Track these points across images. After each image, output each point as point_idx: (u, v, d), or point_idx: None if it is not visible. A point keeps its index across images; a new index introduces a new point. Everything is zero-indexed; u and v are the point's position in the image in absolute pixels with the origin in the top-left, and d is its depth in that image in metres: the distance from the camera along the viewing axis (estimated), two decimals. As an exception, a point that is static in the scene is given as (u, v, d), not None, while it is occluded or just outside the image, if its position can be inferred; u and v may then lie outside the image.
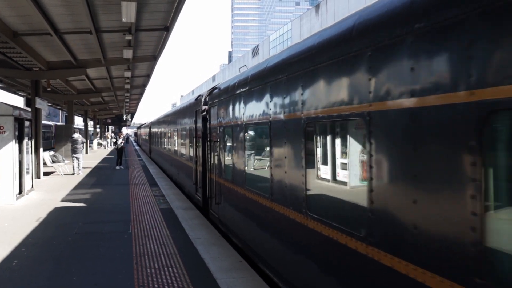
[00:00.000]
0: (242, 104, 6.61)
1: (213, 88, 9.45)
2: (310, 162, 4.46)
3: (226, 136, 7.83)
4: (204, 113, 9.96)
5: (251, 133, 6.69)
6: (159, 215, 10.27)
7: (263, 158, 6.17)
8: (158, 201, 12.37)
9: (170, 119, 18.95)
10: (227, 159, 7.81)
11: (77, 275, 6.02)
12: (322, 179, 4.40)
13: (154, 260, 6.68)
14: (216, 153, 8.69)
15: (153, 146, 30.74)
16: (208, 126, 9.49)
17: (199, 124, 10.60)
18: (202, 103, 10.13)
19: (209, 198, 9.57)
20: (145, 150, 41.72)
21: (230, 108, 7.32)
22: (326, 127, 4.37)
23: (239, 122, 6.77)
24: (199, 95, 11.19)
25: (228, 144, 7.73)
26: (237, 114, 6.91)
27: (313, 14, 47.12)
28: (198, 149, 10.97)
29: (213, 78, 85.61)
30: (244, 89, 6.49)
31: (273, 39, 66.35)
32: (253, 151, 6.62)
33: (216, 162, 8.69)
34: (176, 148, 16.53)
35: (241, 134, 6.74)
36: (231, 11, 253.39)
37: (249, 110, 6.26)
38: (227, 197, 7.87)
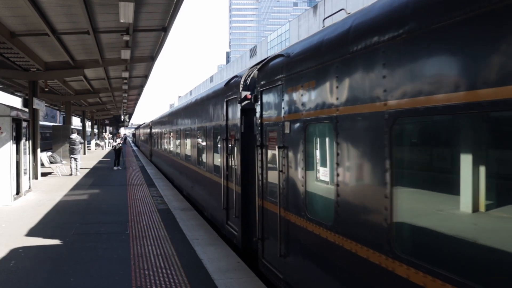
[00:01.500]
0: (377, 72, 3.33)
1: (269, 59, 5.87)
2: None
3: (316, 138, 4.71)
4: (246, 102, 6.47)
5: (422, 132, 3.31)
6: (157, 215, 10.27)
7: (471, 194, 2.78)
8: (156, 201, 12.37)
9: (179, 115, 14.99)
10: (318, 184, 4.60)
11: (75, 276, 6.03)
12: None
13: (152, 261, 6.68)
14: (281, 169, 5.23)
15: (154, 148, 27.06)
16: (257, 122, 6.11)
17: (235, 121, 7.40)
18: (240, 88, 6.75)
19: (260, 239, 6.06)
20: (145, 152, 38.56)
21: (332, 83, 4.01)
22: None
23: (367, 110, 3.48)
24: (234, 76, 7.79)
25: (323, 154, 4.47)
26: (356, 93, 3.63)
27: (311, 15, 47.15)
28: (232, 157, 7.59)
29: (211, 78, 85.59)
30: (386, 37, 3.24)
31: (271, 39, 66.46)
32: (421, 175, 3.22)
33: (282, 184, 5.24)
34: (188, 154, 12.70)
35: (375, 135, 3.37)
36: (229, 11, 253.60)
37: (409, 83, 3.00)
38: (315, 255, 4.45)
